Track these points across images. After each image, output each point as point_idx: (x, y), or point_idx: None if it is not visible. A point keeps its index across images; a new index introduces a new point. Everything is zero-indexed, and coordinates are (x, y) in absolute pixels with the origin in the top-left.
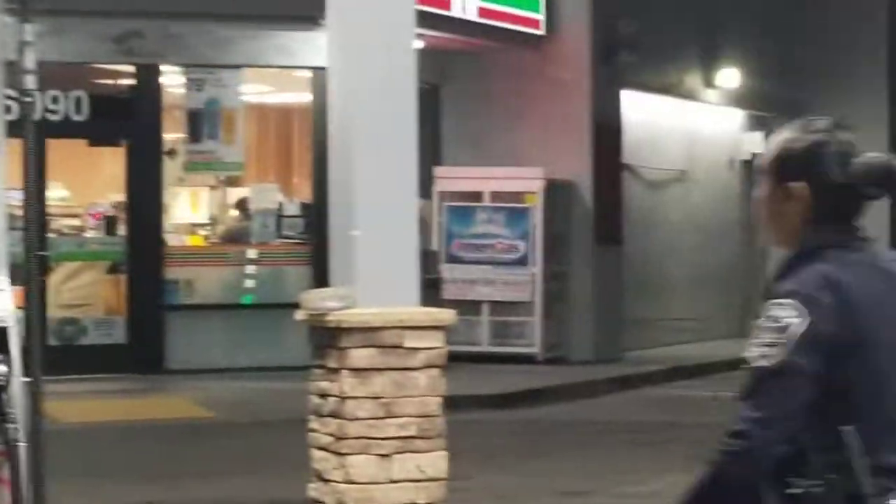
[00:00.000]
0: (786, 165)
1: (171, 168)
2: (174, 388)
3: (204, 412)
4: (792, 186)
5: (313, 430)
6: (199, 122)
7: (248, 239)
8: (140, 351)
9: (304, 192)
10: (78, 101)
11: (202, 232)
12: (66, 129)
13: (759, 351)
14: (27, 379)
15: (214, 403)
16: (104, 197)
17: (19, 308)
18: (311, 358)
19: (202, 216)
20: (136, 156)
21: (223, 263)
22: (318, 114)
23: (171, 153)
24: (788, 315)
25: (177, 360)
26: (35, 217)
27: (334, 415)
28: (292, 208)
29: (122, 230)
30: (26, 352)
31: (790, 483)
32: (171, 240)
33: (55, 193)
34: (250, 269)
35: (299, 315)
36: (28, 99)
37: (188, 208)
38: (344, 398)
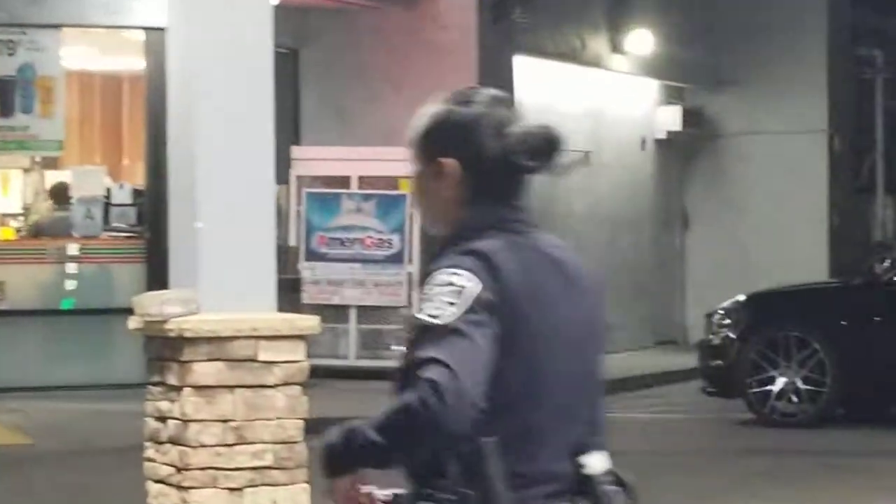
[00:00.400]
0: (436, 140)
1: None
2: None
3: (19, 438)
4: (443, 162)
5: (150, 460)
6: (10, 93)
7: (68, 232)
8: None
9: (137, 176)
10: None
11: (14, 223)
12: None
13: (435, 311)
14: None
15: (31, 428)
16: None
17: None
18: (146, 374)
19: (14, 205)
20: None
21: (39, 261)
22: (153, 82)
23: None
24: (461, 280)
25: None
26: None
27: (175, 441)
28: (122, 195)
29: None
30: None
31: (426, 495)
32: None
33: None
34: (72, 267)
35: (132, 322)
36: None
37: None
38: (186, 421)
